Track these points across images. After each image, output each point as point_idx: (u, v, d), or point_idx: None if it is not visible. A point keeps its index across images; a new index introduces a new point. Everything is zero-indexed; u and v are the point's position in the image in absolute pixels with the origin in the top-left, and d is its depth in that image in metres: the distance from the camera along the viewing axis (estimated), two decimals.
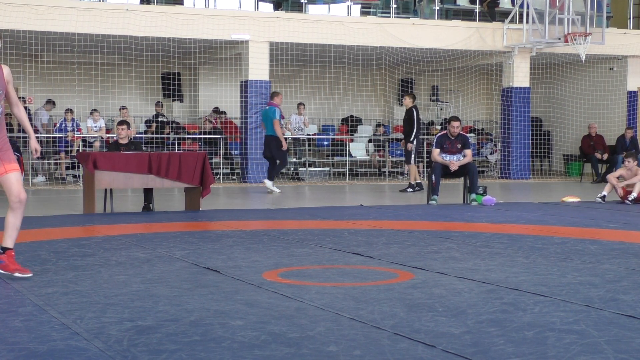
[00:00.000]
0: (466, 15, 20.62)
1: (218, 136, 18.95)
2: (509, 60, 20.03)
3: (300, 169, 19.78)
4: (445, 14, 20.67)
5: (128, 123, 12.20)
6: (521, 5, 19.65)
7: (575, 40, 18.94)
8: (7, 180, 5.82)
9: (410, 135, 15.48)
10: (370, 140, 21.70)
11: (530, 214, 11.03)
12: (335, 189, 16.52)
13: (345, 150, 20.54)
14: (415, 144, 15.55)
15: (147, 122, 19.71)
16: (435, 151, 12.80)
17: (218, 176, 18.36)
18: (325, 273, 6.18)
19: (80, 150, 16.97)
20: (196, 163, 11.26)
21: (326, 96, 21.47)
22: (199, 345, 3.99)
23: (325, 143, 21.05)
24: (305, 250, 7.42)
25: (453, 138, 12.78)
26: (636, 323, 4.47)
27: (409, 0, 20.97)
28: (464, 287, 5.53)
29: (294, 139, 20.03)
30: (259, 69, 18.05)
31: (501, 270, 6.27)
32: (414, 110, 15.51)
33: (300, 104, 20.03)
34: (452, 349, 3.91)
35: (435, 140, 12.98)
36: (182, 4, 18.44)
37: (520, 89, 20.21)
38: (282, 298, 5.15)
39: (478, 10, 20.20)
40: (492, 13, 20.71)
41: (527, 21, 19.41)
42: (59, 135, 18.15)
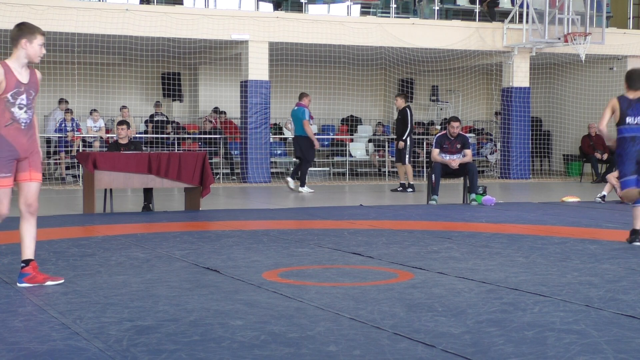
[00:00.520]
0: (466, 15, 20.62)
1: (218, 136, 18.95)
2: (509, 60, 20.04)
3: None
4: (445, 14, 20.67)
5: (128, 123, 12.21)
6: (521, 5, 19.65)
7: (575, 40, 18.94)
8: (28, 187, 5.66)
9: (403, 134, 15.51)
10: (370, 140, 21.71)
11: (530, 214, 11.03)
12: (335, 189, 16.52)
13: (345, 150, 20.54)
14: (409, 144, 15.55)
15: (147, 122, 19.71)
16: (435, 151, 12.81)
17: (218, 176, 18.36)
18: (325, 273, 6.18)
19: (80, 150, 16.96)
20: (196, 163, 11.26)
21: (326, 96, 21.47)
22: (199, 345, 3.99)
23: (325, 143, 21.06)
24: (305, 250, 7.42)
25: (453, 138, 12.78)
26: (636, 323, 4.47)
27: (408, 0, 20.97)
28: (463, 287, 5.53)
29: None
30: (258, 69, 18.06)
31: (501, 270, 6.27)
32: (407, 110, 15.53)
33: None
34: (452, 349, 3.92)
35: (434, 140, 12.98)
36: (182, 4, 18.44)
37: (520, 89, 20.21)
38: (282, 298, 5.16)
39: (478, 10, 20.20)
40: (492, 13, 20.71)
41: (527, 21, 19.41)
42: (59, 135, 18.16)
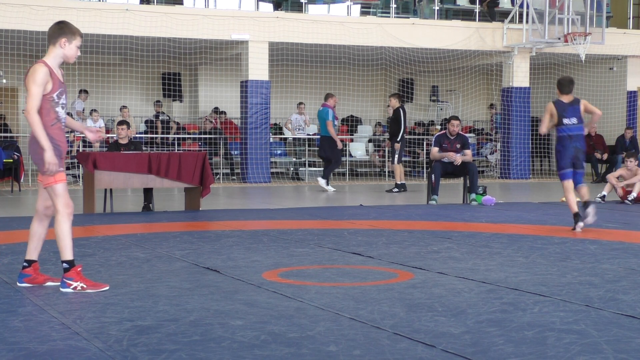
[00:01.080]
0: (466, 15, 20.62)
1: (218, 136, 18.95)
2: (509, 60, 20.04)
3: (300, 169, 19.77)
4: (445, 14, 20.68)
5: (128, 123, 12.21)
6: (521, 5, 19.66)
7: (575, 40, 18.94)
8: (55, 190, 5.56)
9: (397, 135, 15.51)
10: (370, 140, 21.71)
11: (530, 214, 11.03)
12: (335, 189, 16.51)
13: (345, 150, 20.54)
14: (401, 144, 15.56)
15: (147, 122, 19.71)
16: (435, 149, 12.81)
17: (218, 176, 18.36)
18: (325, 273, 6.18)
19: (80, 150, 16.96)
20: (196, 163, 11.26)
21: None
22: (199, 345, 3.99)
23: None
24: (305, 250, 7.42)
25: (452, 137, 12.78)
26: (636, 323, 4.47)
27: (408, 0, 20.97)
28: (463, 287, 5.53)
29: (294, 139, 20.04)
30: (258, 69, 18.06)
31: (501, 270, 6.27)
32: (400, 110, 15.53)
33: (301, 103, 20.03)
34: (452, 349, 3.92)
35: (434, 139, 12.99)
36: (182, 4, 18.45)
37: (520, 89, 20.21)
38: (282, 298, 5.16)
39: (478, 10, 20.21)
40: (492, 13, 20.71)
41: (527, 21, 19.42)
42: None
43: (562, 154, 9.34)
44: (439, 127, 20.89)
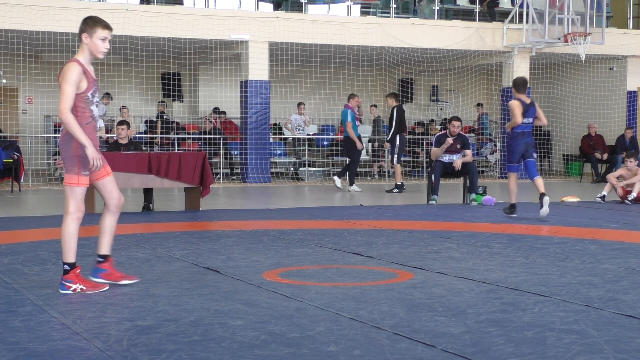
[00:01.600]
0: (466, 15, 20.62)
1: (218, 136, 18.95)
2: (509, 60, 20.04)
3: (300, 169, 19.78)
4: (445, 14, 20.67)
5: (128, 123, 12.21)
6: (521, 5, 19.66)
7: (575, 40, 18.94)
8: (110, 181, 5.56)
9: (394, 134, 15.56)
10: (370, 140, 21.70)
11: (530, 214, 11.03)
12: (335, 189, 16.51)
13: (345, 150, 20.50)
14: (399, 144, 15.57)
15: (147, 122, 19.71)
16: (435, 149, 12.82)
17: (218, 176, 18.36)
18: (325, 273, 6.18)
19: None
20: (196, 163, 11.26)
21: (326, 96, 21.47)
22: (199, 345, 3.99)
23: (325, 143, 21.05)
24: (305, 250, 7.42)
25: (453, 138, 12.79)
26: (636, 323, 4.47)
27: (408, 0, 20.97)
28: (463, 287, 5.53)
29: (294, 139, 20.05)
30: (258, 69, 18.06)
31: (501, 270, 6.28)
32: (394, 110, 15.57)
33: (300, 103, 20.04)
34: (452, 349, 3.92)
35: (434, 139, 13.00)
36: (182, 4, 18.44)
37: None
38: (282, 298, 5.16)
39: (478, 10, 20.21)
40: (492, 13, 20.71)
41: (527, 21, 19.41)
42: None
43: (514, 148, 10.39)
44: (438, 127, 20.88)
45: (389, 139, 15.69)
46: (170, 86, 20.52)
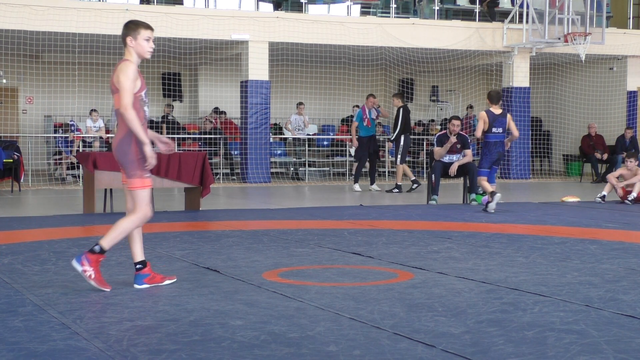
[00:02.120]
0: (466, 15, 20.62)
1: (218, 136, 18.95)
2: (509, 60, 20.04)
3: (300, 169, 19.78)
4: (445, 14, 20.67)
5: None
6: (521, 5, 19.65)
7: (575, 40, 18.94)
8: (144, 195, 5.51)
9: (399, 134, 15.57)
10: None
11: (530, 214, 11.03)
12: (335, 189, 16.52)
13: (345, 150, 20.53)
14: (404, 144, 15.56)
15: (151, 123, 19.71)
16: (437, 149, 12.83)
17: (218, 176, 18.36)
18: (325, 273, 6.18)
19: (80, 151, 16.97)
20: (196, 163, 11.26)
21: (326, 96, 21.47)
22: (199, 345, 3.99)
23: (325, 143, 21.06)
24: (305, 250, 7.42)
25: (454, 135, 12.81)
26: (636, 323, 4.47)
27: (408, 0, 20.97)
28: (463, 287, 5.53)
29: (294, 139, 20.04)
30: (258, 69, 18.06)
31: (501, 270, 6.27)
32: (399, 110, 15.56)
33: (300, 103, 20.03)
34: (452, 349, 3.92)
35: (435, 139, 13.01)
36: (182, 4, 18.44)
37: (520, 89, 20.21)
38: (282, 298, 5.16)
39: (478, 10, 20.20)
40: (492, 13, 20.71)
41: (527, 21, 19.41)
42: (61, 135, 18.16)
43: (488, 156, 11.41)
44: (438, 127, 20.88)
45: (393, 138, 15.66)
46: (171, 86, 20.52)
